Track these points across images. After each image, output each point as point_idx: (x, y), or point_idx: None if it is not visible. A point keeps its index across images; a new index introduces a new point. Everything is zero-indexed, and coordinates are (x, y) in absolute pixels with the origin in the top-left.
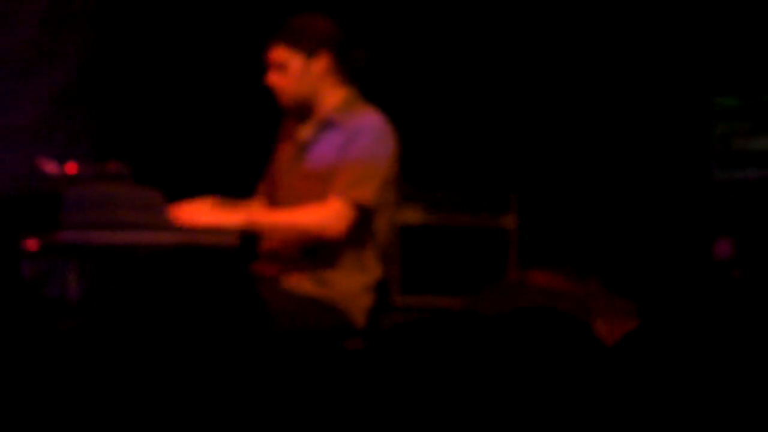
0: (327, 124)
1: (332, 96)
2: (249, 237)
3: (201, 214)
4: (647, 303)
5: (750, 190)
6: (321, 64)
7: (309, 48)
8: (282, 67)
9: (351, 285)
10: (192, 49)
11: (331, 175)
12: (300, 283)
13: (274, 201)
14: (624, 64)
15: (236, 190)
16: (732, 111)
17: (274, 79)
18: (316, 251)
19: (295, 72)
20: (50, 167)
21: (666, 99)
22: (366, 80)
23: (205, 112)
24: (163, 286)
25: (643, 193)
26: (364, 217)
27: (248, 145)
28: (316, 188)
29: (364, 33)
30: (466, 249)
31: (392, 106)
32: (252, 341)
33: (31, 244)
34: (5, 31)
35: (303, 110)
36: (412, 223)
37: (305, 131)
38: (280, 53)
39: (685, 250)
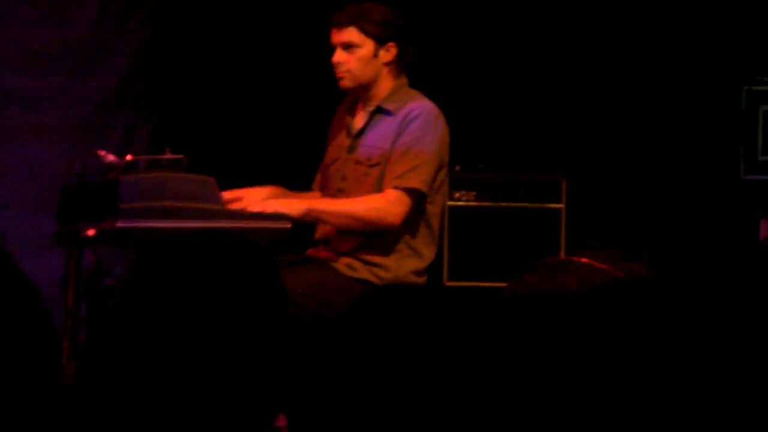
0: (378, 112)
1: (385, 85)
2: (303, 224)
3: (261, 201)
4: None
5: None
6: (388, 54)
7: (381, 37)
8: (351, 48)
9: (403, 269)
10: (248, 41)
11: (384, 162)
12: (352, 265)
13: (329, 191)
14: (669, 51)
15: (291, 182)
16: None
17: (341, 58)
18: (370, 238)
19: (364, 56)
20: (107, 157)
21: (709, 81)
22: (424, 69)
23: (261, 103)
24: (181, 269)
25: (688, 174)
26: (418, 203)
27: (303, 137)
28: (370, 176)
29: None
30: (517, 231)
31: (444, 90)
32: (269, 326)
33: (90, 231)
34: (62, 27)
35: (358, 95)
36: (462, 205)
37: (357, 120)
38: (352, 35)
39: (730, 231)
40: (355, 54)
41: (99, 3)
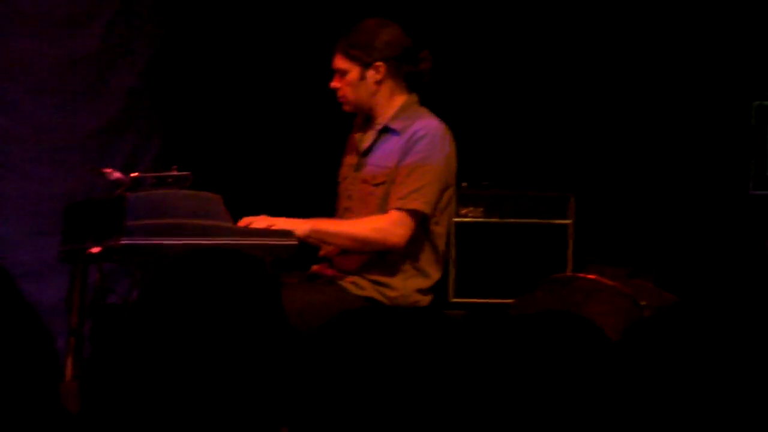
0: (385, 131)
1: (391, 103)
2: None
3: (266, 219)
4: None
5: None
6: (377, 74)
7: (365, 60)
8: (342, 74)
9: (408, 288)
10: (255, 58)
11: (389, 181)
12: (359, 284)
13: (338, 210)
14: (679, 66)
15: (297, 199)
16: None
17: (335, 84)
18: (375, 257)
19: (351, 81)
20: (113, 174)
21: (719, 97)
22: (431, 86)
23: (268, 121)
24: (184, 287)
25: (696, 191)
26: (421, 224)
27: (311, 156)
28: (375, 195)
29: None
30: (524, 248)
31: (452, 106)
32: (267, 343)
33: (95, 249)
34: (68, 45)
35: (365, 116)
36: (469, 221)
37: (366, 139)
38: (339, 61)
39: (739, 247)
40: (346, 79)
41: (105, 21)
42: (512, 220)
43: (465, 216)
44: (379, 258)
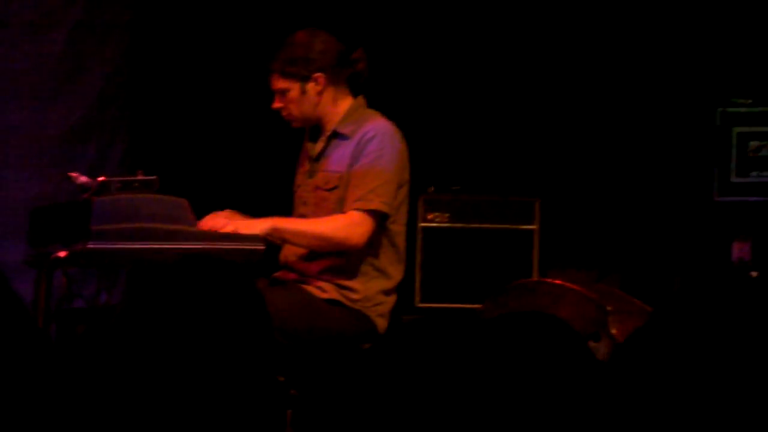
0: (334, 137)
1: (336, 110)
2: (271, 246)
3: (225, 221)
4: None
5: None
6: (318, 86)
7: (302, 75)
8: (283, 93)
9: (370, 290)
10: (220, 63)
11: (342, 185)
12: (322, 287)
13: (293, 216)
14: (643, 71)
15: (262, 204)
16: (748, 114)
17: (277, 105)
18: (335, 260)
19: (293, 98)
20: (79, 179)
21: (683, 103)
22: (396, 90)
23: (232, 126)
24: (168, 293)
25: (661, 195)
26: (380, 223)
27: (274, 160)
28: (328, 200)
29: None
30: (490, 253)
31: (417, 111)
32: (253, 349)
33: (61, 253)
34: (38, 41)
35: (316, 127)
36: (435, 226)
37: (318, 145)
38: (278, 83)
39: (703, 252)
40: (287, 98)
41: (71, 25)
42: (478, 225)
43: (431, 221)
44: (340, 261)
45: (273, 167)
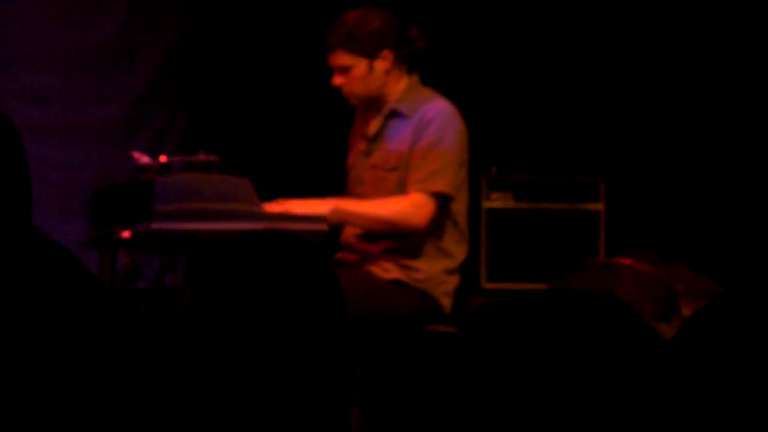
0: (392, 116)
1: (396, 87)
2: (334, 227)
3: (289, 203)
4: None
5: None
6: (385, 63)
7: (371, 51)
8: (346, 70)
9: (434, 270)
10: (279, 40)
11: (402, 165)
12: (386, 267)
13: (350, 195)
14: (716, 51)
15: (323, 182)
16: None
17: (339, 81)
18: (398, 241)
19: (360, 75)
20: (141, 159)
21: (756, 83)
22: (460, 71)
23: (293, 103)
24: (240, 270)
25: (729, 176)
26: (443, 205)
27: (335, 137)
28: (388, 180)
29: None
30: (555, 234)
31: (481, 92)
32: (327, 326)
33: (125, 233)
34: (93, 25)
35: (372, 105)
36: (499, 207)
37: (373, 124)
38: (342, 58)
39: None
40: (351, 75)
41: (127, 3)
42: (542, 206)
43: (495, 201)
44: (402, 241)
45: (333, 143)
